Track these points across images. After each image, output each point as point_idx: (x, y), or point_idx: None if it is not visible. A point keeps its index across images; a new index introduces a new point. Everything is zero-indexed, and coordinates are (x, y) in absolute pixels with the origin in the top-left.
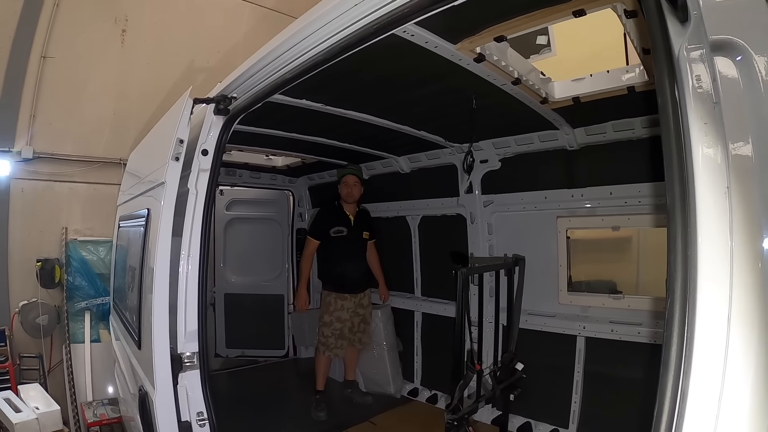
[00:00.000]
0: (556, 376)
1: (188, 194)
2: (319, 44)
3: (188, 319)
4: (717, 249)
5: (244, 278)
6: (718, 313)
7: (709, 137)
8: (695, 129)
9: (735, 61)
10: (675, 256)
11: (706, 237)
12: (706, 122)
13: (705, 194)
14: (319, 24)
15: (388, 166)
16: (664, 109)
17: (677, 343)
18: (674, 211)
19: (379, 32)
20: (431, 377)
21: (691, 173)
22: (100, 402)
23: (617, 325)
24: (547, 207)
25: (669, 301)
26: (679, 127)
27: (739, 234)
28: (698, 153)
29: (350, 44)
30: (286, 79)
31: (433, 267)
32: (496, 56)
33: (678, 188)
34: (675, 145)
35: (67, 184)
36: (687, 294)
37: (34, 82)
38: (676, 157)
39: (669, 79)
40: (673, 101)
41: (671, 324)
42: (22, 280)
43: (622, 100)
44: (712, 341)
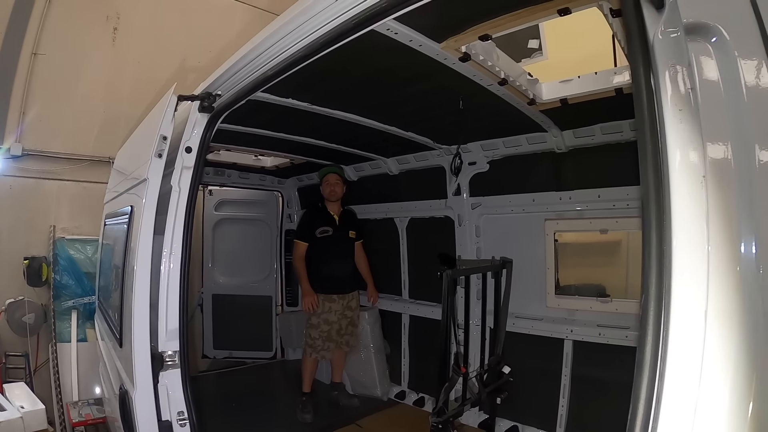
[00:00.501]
0: (544, 380)
1: (171, 192)
2: (299, 41)
3: (169, 317)
4: (693, 240)
5: (232, 279)
6: (694, 307)
7: (684, 124)
8: (670, 116)
9: (710, 44)
10: (649, 248)
11: (681, 228)
12: (681, 108)
13: (680, 183)
14: (298, 21)
15: (377, 167)
16: (639, 97)
17: (652, 340)
18: (648, 201)
19: (357, 29)
20: (418, 380)
21: (666, 162)
22: (85, 402)
23: (605, 328)
24: (535, 209)
25: (643, 295)
26: (654, 115)
27: (716, 224)
28: (673, 141)
29: (328, 41)
30: (268, 76)
31: (420, 269)
32: (482, 56)
33: (652, 178)
34: (650, 134)
35: (55, 182)
36: (662, 288)
37: (25, 79)
38: (651, 147)
39: (644, 67)
40: (648, 89)
41: (646, 319)
42: (8, 278)
43: (610, 102)
44: (688, 337)
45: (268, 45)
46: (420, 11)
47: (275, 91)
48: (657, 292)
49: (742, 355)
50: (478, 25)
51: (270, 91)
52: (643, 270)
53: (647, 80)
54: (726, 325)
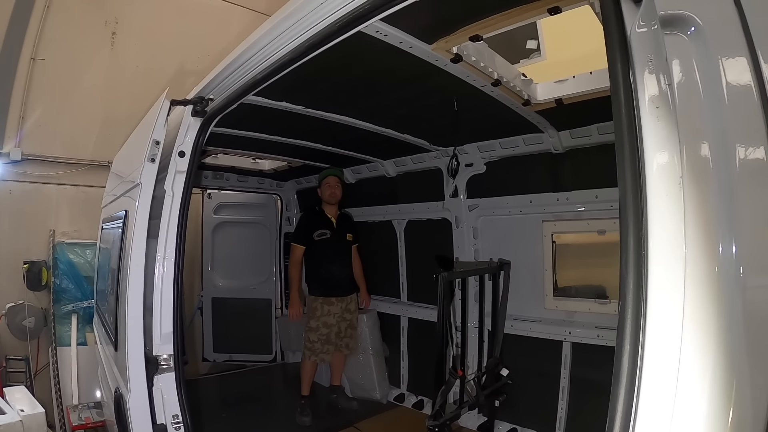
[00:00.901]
0: (542, 382)
1: (164, 196)
2: (286, 45)
3: (163, 321)
4: (670, 243)
5: (231, 282)
6: (671, 311)
7: (662, 122)
8: (647, 114)
9: (687, 36)
10: (627, 253)
11: (658, 231)
12: (659, 106)
13: (658, 185)
14: (283, 26)
15: (375, 170)
16: (616, 95)
17: (629, 348)
18: (626, 204)
19: (342, 31)
20: (417, 382)
21: (643, 163)
22: (85, 405)
23: (603, 330)
24: (532, 211)
25: (621, 302)
26: (632, 114)
27: (694, 226)
28: (650, 141)
29: (314, 44)
30: (258, 80)
31: (419, 272)
32: (474, 57)
33: (630, 180)
34: (627, 134)
35: (55, 187)
36: (640, 294)
37: (24, 84)
38: (629, 147)
39: (621, 63)
40: (626, 86)
41: (623, 326)
42: (8, 282)
43: (606, 101)
44: (665, 343)
45: (256, 49)
46: (407, 13)
47: (268, 94)
48: (635, 297)
49: (720, 359)
50: (467, 26)
51: (263, 94)
52: (621, 276)
53: (625, 77)
54: (704, 329)
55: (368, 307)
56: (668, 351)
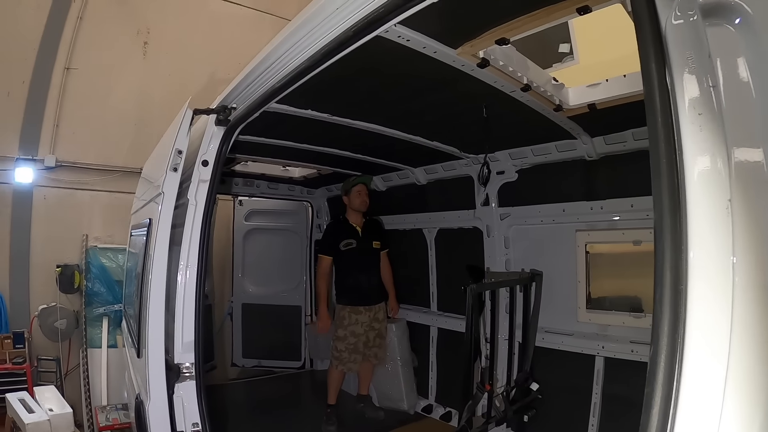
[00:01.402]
0: (574, 398)
1: (188, 205)
2: (303, 52)
3: (185, 329)
4: (715, 282)
5: (261, 289)
6: (712, 373)
7: (705, 132)
8: (687, 123)
9: (734, 26)
10: (661, 294)
11: (700, 266)
12: (701, 113)
13: (700, 209)
14: (302, 32)
15: (405, 177)
16: (651, 99)
17: (661, 404)
18: (662, 229)
19: (358, 36)
20: (446, 394)
21: (683, 182)
22: (113, 406)
23: (638, 345)
24: (565, 220)
25: (652, 347)
26: (669, 122)
27: (745, 261)
28: (691, 155)
29: (330, 51)
30: (277, 87)
31: (449, 281)
32: (502, 61)
33: (667, 203)
34: (664, 147)
35: (88, 192)
36: (676, 342)
37: (58, 93)
38: (666, 163)
39: (656, 61)
40: (661, 88)
41: (654, 376)
42: (42, 285)
43: (641, 106)
44: (702, 408)
45: (275, 57)
46: (429, 16)
47: (294, 102)
48: (669, 345)
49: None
50: (493, 29)
51: (288, 102)
52: (654, 317)
53: (660, 78)
54: (750, 396)
55: (396, 315)
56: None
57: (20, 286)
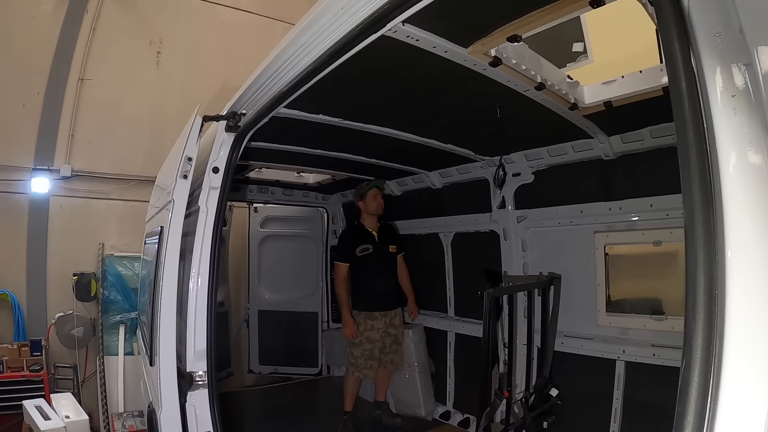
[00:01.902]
0: (594, 404)
1: (198, 212)
2: (310, 53)
3: (197, 337)
4: (755, 288)
5: (278, 295)
6: (753, 392)
7: (741, 116)
8: (719, 107)
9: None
10: (694, 297)
11: (739, 272)
12: (735, 94)
13: (738, 205)
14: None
15: (420, 181)
16: (676, 84)
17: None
18: (694, 231)
19: (363, 35)
20: (464, 400)
21: (717, 172)
22: (130, 414)
23: (660, 348)
24: (583, 221)
25: (684, 360)
26: (697, 108)
27: None
28: (725, 142)
29: (338, 50)
30: (285, 91)
31: (466, 286)
32: (515, 59)
33: (698, 200)
34: (693, 136)
35: (104, 201)
36: (710, 358)
37: (73, 103)
38: (695, 154)
39: (680, 43)
40: (687, 72)
41: (686, 396)
42: (58, 293)
43: (658, 102)
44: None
45: (281, 60)
46: (437, 15)
47: (305, 108)
48: (703, 359)
49: None
50: (503, 26)
51: (299, 108)
52: (686, 328)
53: (685, 60)
54: None
55: (416, 318)
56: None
57: (37, 295)
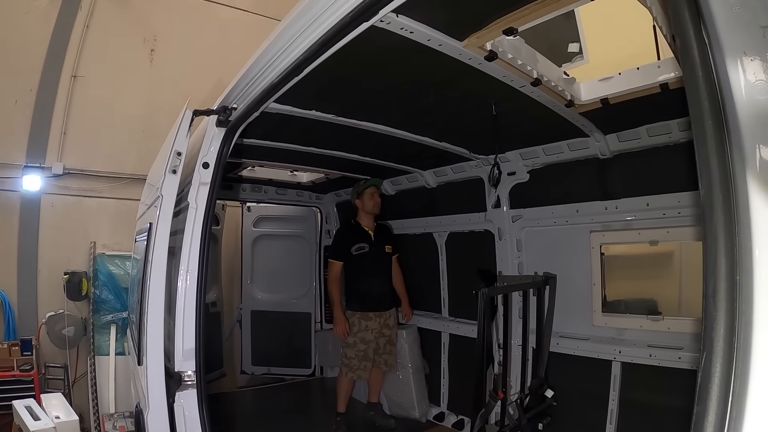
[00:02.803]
0: (590, 404)
1: (188, 209)
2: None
3: (186, 336)
4: None
5: (270, 295)
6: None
7: (760, 85)
8: (736, 74)
9: None
10: (715, 294)
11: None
12: (753, 58)
13: (762, 196)
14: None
15: (414, 180)
16: (688, 51)
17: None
18: (713, 224)
19: (354, 23)
20: (458, 401)
21: (737, 162)
22: (121, 414)
23: (656, 349)
24: (579, 221)
25: (703, 361)
26: (712, 81)
27: None
28: (750, 130)
29: (328, 39)
30: (275, 84)
31: (460, 286)
32: (511, 54)
33: (718, 188)
34: (712, 125)
35: (96, 200)
36: (732, 351)
37: (65, 101)
38: (714, 143)
39: (693, 20)
40: (702, 55)
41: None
42: (49, 292)
43: (655, 99)
44: None
45: (272, 52)
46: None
47: (297, 103)
48: (726, 351)
49: None
50: (500, 18)
51: (292, 103)
52: (705, 319)
53: (700, 42)
54: None
55: (410, 320)
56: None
57: (28, 294)
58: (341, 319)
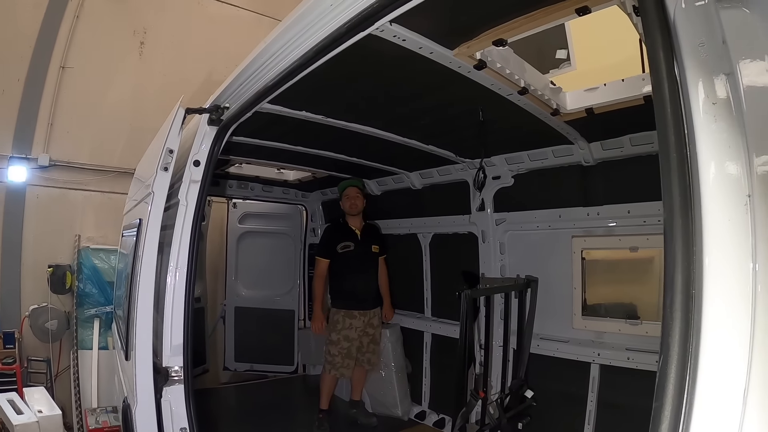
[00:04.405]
0: (568, 405)
1: (178, 205)
2: (297, 48)
3: (174, 332)
4: (732, 288)
5: (255, 292)
6: (730, 382)
7: (720, 122)
8: (700, 113)
9: (750, 7)
10: (672, 299)
11: (716, 271)
12: (715, 102)
13: (716, 207)
14: (296, 28)
15: (400, 181)
16: (659, 91)
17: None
18: (672, 232)
19: (350, 33)
20: (439, 400)
21: (697, 178)
22: (103, 409)
23: (634, 352)
24: (561, 226)
25: (661, 356)
26: (679, 113)
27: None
28: (705, 148)
29: (325, 46)
30: (270, 86)
31: (443, 287)
32: (499, 63)
33: (678, 201)
34: (674, 142)
35: (81, 192)
36: (687, 351)
37: (53, 92)
38: (676, 156)
39: (664, 51)
40: (670, 78)
41: (663, 394)
42: (33, 285)
43: (639, 110)
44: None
45: (268, 54)
46: (425, 16)
47: (288, 103)
48: (680, 353)
49: None
50: (490, 29)
51: (282, 103)
52: (663, 326)
53: (669, 68)
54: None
55: (390, 320)
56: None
57: (11, 286)
58: (319, 315)
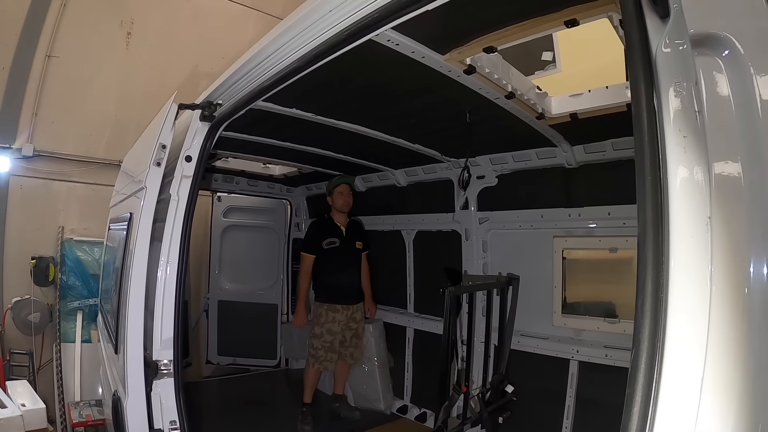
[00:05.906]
0: (548, 400)
1: (170, 200)
2: (294, 52)
3: (164, 326)
4: (692, 295)
5: (238, 286)
6: (689, 373)
7: (689, 154)
8: (673, 144)
9: (721, 58)
10: (643, 304)
11: (680, 279)
12: (686, 135)
13: (682, 225)
14: (294, 31)
15: (385, 179)
16: (639, 120)
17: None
18: (645, 245)
19: (350, 40)
20: (421, 395)
21: (667, 200)
22: (87, 403)
23: (612, 350)
24: (543, 226)
25: (634, 350)
26: (655, 141)
27: (721, 276)
28: (675, 174)
29: (322, 52)
30: (266, 86)
31: (426, 283)
32: (488, 68)
33: (651, 218)
34: (649, 165)
35: (65, 184)
36: (655, 346)
37: (38, 81)
38: (650, 180)
39: (645, 85)
40: (649, 111)
41: (634, 381)
42: (16, 277)
43: (622, 117)
44: (680, 404)
45: (264, 55)
46: (420, 22)
47: (278, 101)
48: (649, 348)
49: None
50: (481, 37)
51: (273, 100)
52: (636, 322)
53: (648, 99)
54: (724, 395)
55: (373, 316)
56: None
57: None
58: (302, 311)
